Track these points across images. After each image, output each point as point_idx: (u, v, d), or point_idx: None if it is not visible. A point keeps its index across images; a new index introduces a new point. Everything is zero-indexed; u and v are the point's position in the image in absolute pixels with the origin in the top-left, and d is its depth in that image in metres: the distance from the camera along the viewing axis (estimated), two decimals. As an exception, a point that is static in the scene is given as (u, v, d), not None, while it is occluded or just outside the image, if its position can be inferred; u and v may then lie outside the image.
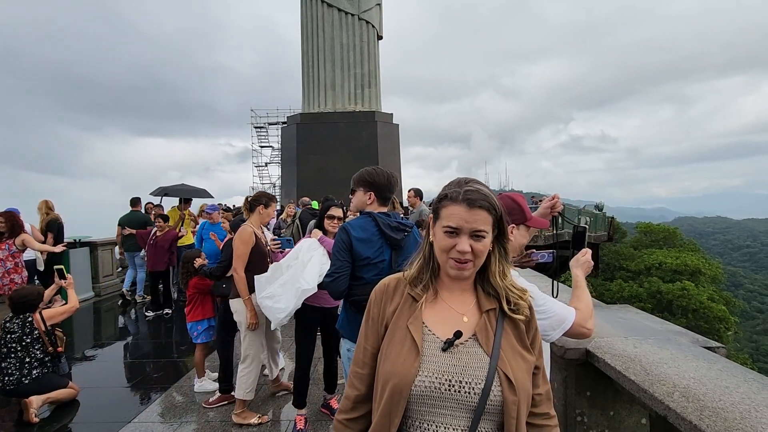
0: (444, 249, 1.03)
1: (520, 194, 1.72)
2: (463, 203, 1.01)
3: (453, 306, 1.07)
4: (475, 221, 1.00)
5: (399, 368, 0.98)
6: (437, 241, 1.06)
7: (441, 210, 1.05)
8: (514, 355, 1.00)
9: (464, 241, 1.00)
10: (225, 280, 3.72)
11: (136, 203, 8.10)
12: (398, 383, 0.97)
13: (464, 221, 1.00)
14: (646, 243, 32.97)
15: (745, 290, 64.72)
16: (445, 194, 1.06)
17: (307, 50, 20.11)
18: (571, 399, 2.24)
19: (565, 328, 1.46)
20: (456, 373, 0.97)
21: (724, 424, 1.34)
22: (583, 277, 1.68)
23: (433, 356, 1.00)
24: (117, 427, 3.37)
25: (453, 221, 1.01)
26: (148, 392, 4.05)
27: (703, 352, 1.96)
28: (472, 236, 1.01)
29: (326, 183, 17.10)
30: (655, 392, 1.61)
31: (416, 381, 0.97)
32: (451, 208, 1.02)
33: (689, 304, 24.45)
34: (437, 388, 0.97)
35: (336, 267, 2.17)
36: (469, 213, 1.00)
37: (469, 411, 0.96)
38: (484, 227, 1.01)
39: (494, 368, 0.97)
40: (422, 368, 0.98)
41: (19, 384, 3.53)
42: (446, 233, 1.02)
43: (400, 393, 0.97)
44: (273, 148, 25.42)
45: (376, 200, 2.29)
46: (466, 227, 1.00)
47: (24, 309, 3.68)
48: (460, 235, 1.01)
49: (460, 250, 1.00)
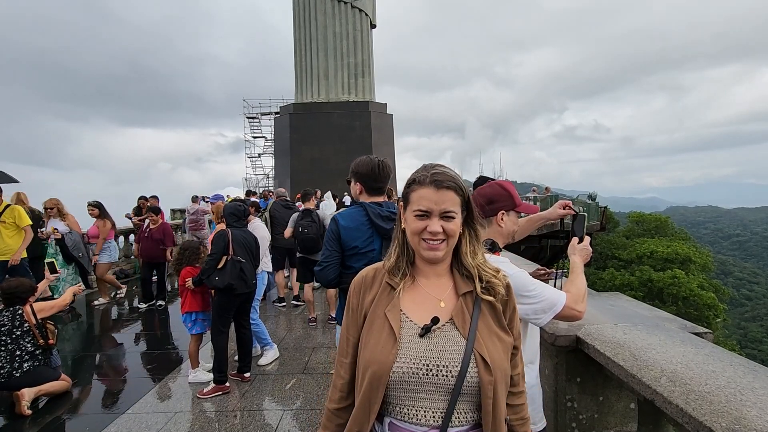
0: (416, 232, 1.05)
1: (508, 181, 1.72)
2: (431, 185, 1.04)
3: (430, 292, 1.09)
4: (444, 202, 1.03)
5: (377, 356, 1.01)
6: (408, 225, 1.08)
7: (410, 195, 1.08)
8: (490, 336, 1.03)
9: (435, 222, 1.03)
10: (218, 272, 3.70)
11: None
12: (377, 370, 1.00)
13: (433, 203, 1.03)
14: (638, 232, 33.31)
15: (734, 278, 65.84)
16: (413, 179, 1.09)
17: (300, 39, 19.85)
18: (561, 385, 2.27)
19: (556, 311, 1.47)
20: (433, 358, 0.99)
21: (710, 407, 1.36)
22: (581, 264, 1.69)
23: (410, 342, 1.02)
24: (110, 419, 3.37)
25: (423, 204, 1.04)
26: (142, 383, 4.04)
27: (690, 337, 1.98)
28: (442, 217, 1.03)
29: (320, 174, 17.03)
30: (642, 377, 1.63)
31: (394, 367, 0.99)
32: (419, 192, 1.06)
33: (679, 292, 24.82)
34: (415, 373, 0.99)
35: (325, 256, 2.20)
36: (437, 194, 1.03)
37: (447, 393, 0.99)
38: (452, 208, 1.04)
39: (470, 351, 0.99)
40: (400, 355, 1.00)
41: (10, 377, 3.50)
42: (417, 216, 1.05)
43: (379, 380, 1.00)
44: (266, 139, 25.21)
45: (364, 190, 2.29)
46: (436, 209, 1.03)
47: (14, 301, 3.64)
48: (431, 217, 1.03)
49: (432, 231, 1.03)
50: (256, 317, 4.42)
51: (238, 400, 3.64)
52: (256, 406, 3.55)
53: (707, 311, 24.24)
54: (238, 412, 3.44)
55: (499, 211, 1.63)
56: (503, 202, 1.63)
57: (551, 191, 21.13)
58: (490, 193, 1.65)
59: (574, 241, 1.75)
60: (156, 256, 6.87)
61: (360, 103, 19.12)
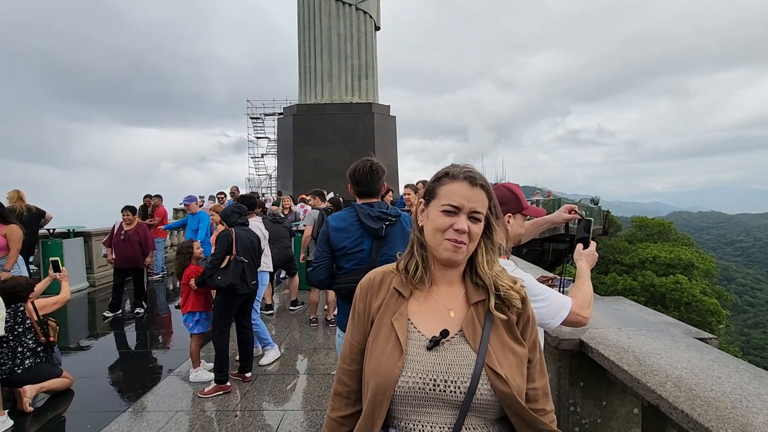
0: (440, 229, 0.99)
1: (515, 184, 1.72)
2: (465, 181, 0.99)
3: (440, 300, 1.03)
4: (476, 200, 0.98)
5: (382, 367, 0.95)
6: (431, 221, 1.01)
7: (439, 188, 1.02)
8: (503, 350, 0.96)
9: (463, 220, 0.97)
10: (219, 271, 3.71)
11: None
12: (381, 383, 0.95)
13: (465, 199, 0.98)
14: (641, 237, 33.20)
15: (737, 284, 65.47)
16: (444, 173, 1.03)
17: (304, 40, 19.88)
18: (564, 389, 2.26)
19: (563, 316, 1.46)
20: (441, 372, 0.94)
21: (716, 413, 1.35)
22: (587, 269, 1.69)
23: (417, 355, 0.96)
24: (112, 417, 3.37)
25: (454, 199, 0.98)
26: (143, 382, 4.05)
27: (695, 342, 1.97)
28: (469, 217, 0.98)
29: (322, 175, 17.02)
30: (647, 382, 1.62)
31: (399, 381, 0.94)
32: (451, 186, 1.00)
33: (682, 298, 24.70)
34: (421, 388, 0.93)
35: (316, 258, 2.25)
36: (470, 191, 0.99)
37: (455, 408, 0.93)
38: (481, 209, 0.99)
39: (481, 365, 0.93)
40: (406, 368, 0.94)
41: (12, 373, 3.51)
42: (444, 212, 0.99)
43: (384, 393, 0.94)
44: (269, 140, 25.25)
45: (356, 192, 2.33)
46: (467, 206, 0.98)
47: (13, 299, 3.65)
48: (459, 215, 0.98)
49: (458, 228, 0.96)
50: (257, 317, 4.42)
51: (239, 400, 3.64)
52: (257, 405, 3.55)
53: (710, 317, 24.11)
54: (239, 412, 3.44)
55: (506, 214, 1.63)
56: (510, 205, 1.62)
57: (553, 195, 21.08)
58: (497, 195, 1.65)
59: (580, 247, 1.75)
60: (134, 260, 6.25)
61: (363, 104, 19.13)
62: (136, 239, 6.25)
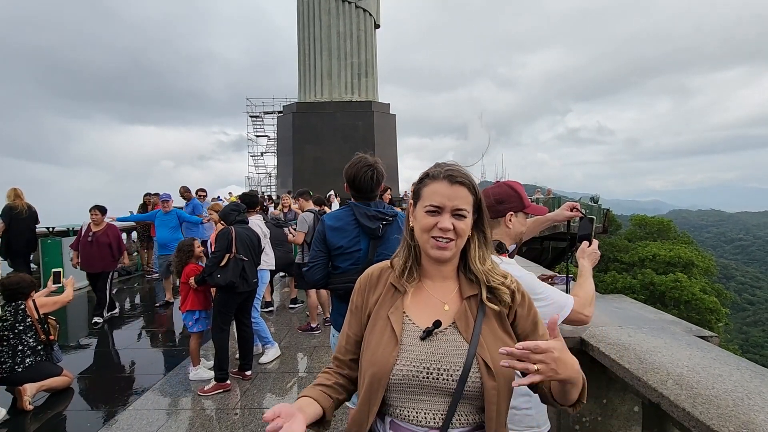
0: (425, 228, 1.03)
1: (517, 182, 1.71)
2: (445, 180, 1.02)
3: (435, 294, 1.08)
4: (457, 198, 1.01)
5: (378, 358, 1.00)
6: (418, 221, 1.05)
7: (422, 190, 1.06)
8: (495, 341, 1.00)
9: (446, 219, 1.00)
10: (219, 269, 3.70)
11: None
12: (377, 372, 0.99)
13: (446, 198, 1.01)
14: (641, 235, 33.24)
15: (736, 282, 65.59)
16: (426, 174, 1.07)
17: (304, 39, 19.85)
18: (564, 387, 2.25)
19: (565, 314, 1.46)
20: (434, 361, 0.98)
21: (717, 411, 1.34)
22: (589, 268, 1.70)
23: (411, 345, 1.01)
24: (112, 415, 3.37)
25: (435, 199, 1.01)
26: (144, 380, 4.05)
27: (696, 341, 1.97)
28: (453, 215, 1.01)
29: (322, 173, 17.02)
30: (648, 380, 1.61)
31: (394, 370, 0.98)
32: (432, 186, 1.03)
33: (681, 296, 24.76)
34: (415, 376, 0.98)
35: (312, 257, 2.23)
36: (450, 189, 1.01)
37: (447, 396, 0.98)
38: (465, 206, 1.02)
39: (473, 355, 0.97)
40: (400, 357, 0.99)
41: (12, 372, 3.51)
42: (428, 212, 1.02)
43: (379, 381, 0.99)
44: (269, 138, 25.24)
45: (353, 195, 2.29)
46: (448, 205, 1.01)
47: (15, 297, 3.65)
48: (442, 214, 1.01)
49: (442, 227, 1.00)
50: (257, 315, 4.42)
51: (239, 398, 3.64)
52: (256, 404, 3.55)
53: (709, 315, 24.16)
54: (239, 410, 3.44)
55: (507, 212, 1.61)
56: (512, 203, 1.61)
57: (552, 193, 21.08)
58: (498, 193, 1.63)
59: (585, 245, 1.74)
60: (102, 264, 5.70)
61: (363, 103, 19.12)
62: (105, 241, 5.70)
